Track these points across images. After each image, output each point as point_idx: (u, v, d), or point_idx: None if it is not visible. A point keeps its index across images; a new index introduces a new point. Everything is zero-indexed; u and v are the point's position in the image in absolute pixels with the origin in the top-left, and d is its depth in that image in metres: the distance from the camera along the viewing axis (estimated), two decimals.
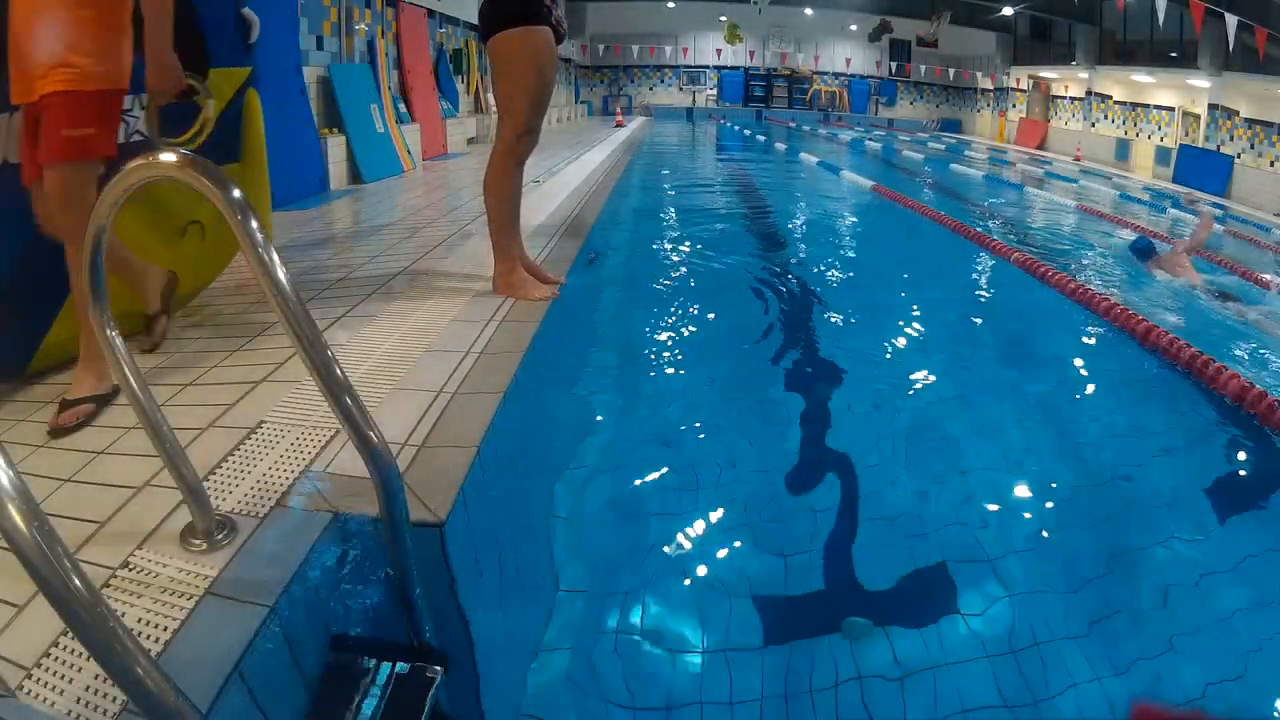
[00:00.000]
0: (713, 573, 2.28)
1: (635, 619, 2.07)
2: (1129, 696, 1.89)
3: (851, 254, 6.59)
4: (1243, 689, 1.90)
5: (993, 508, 2.67)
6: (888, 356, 4.12)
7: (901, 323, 4.65)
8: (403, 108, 9.41)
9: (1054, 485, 2.86)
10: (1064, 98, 21.69)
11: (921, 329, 4.58)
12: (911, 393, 3.61)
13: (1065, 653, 2.03)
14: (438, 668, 1.64)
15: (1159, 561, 2.42)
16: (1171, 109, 17.19)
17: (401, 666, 1.63)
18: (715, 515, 2.53)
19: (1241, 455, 3.19)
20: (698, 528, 2.46)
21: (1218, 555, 2.49)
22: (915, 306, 4.98)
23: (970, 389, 3.69)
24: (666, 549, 2.35)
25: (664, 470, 2.74)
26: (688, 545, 2.38)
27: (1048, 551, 2.45)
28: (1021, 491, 2.81)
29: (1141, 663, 2.01)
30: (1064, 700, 1.90)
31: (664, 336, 4.05)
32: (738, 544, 2.40)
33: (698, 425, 3.09)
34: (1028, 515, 2.67)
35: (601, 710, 1.84)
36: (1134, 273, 5.92)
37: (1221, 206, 12.96)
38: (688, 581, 2.23)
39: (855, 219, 8.84)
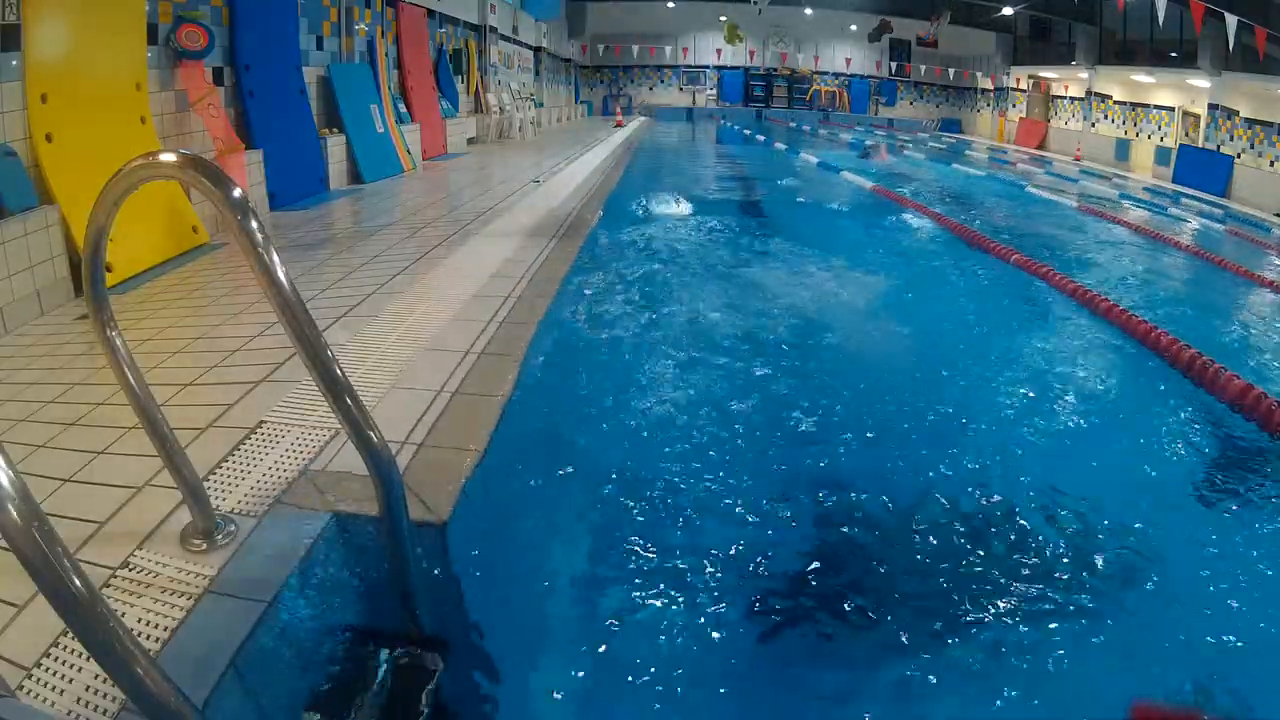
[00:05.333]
0: (713, 571, 2.28)
1: (635, 619, 2.07)
2: (1129, 696, 1.89)
3: (853, 254, 6.57)
4: (1240, 686, 1.89)
5: (989, 508, 2.67)
6: (891, 360, 4.11)
7: (906, 324, 4.64)
8: (403, 108, 9.41)
9: (1051, 483, 2.86)
10: (1064, 98, 21.69)
11: (924, 330, 4.58)
12: (912, 391, 3.60)
13: (1063, 651, 2.03)
14: (435, 665, 1.64)
15: (1158, 559, 2.42)
16: (1171, 109, 17.17)
17: (399, 664, 1.64)
18: (716, 512, 2.53)
19: (1241, 453, 3.20)
20: (699, 526, 2.46)
21: (1217, 552, 2.49)
22: (919, 306, 4.98)
23: (966, 385, 3.69)
24: (667, 548, 2.35)
25: (665, 468, 2.73)
26: (689, 543, 2.38)
27: (1045, 549, 2.45)
28: (1018, 490, 2.81)
29: (1140, 662, 2.01)
30: (1063, 699, 1.90)
31: (663, 335, 4.04)
32: (737, 542, 2.40)
33: (699, 423, 3.08)
34: (1025, 514, 2.67)
35: (599, 706, 1.84)
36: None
37: (1222, 206, 12.97)
38: (690, 580, 2.23)
39: (854, 218, 8.84)
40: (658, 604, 2.13)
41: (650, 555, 2.32)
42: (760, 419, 3.22)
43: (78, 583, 0.91)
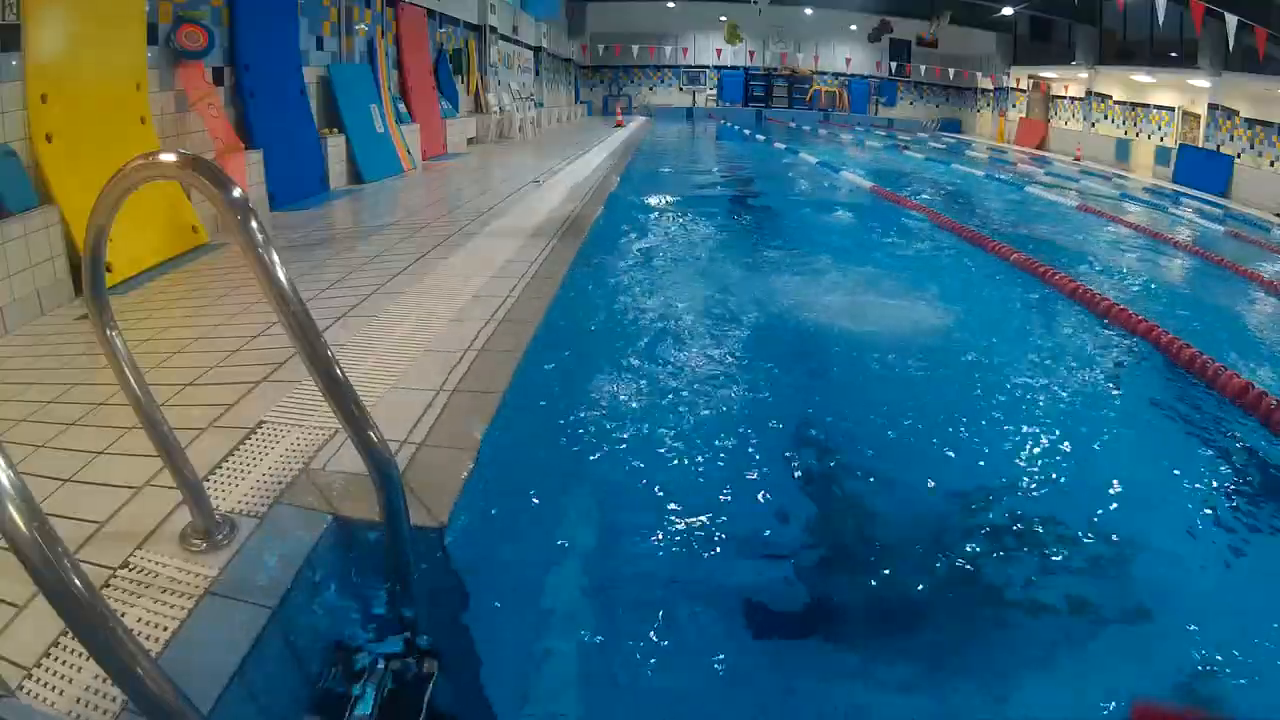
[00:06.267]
0: (712, 576, 2.28)
1: (634, 619, 2.07)
2: (1129, 695, 1.89)
3: (854, 254, 6.58)
4: (1238, 684, 1.89)
5: (989, 506, 2.67)
6: (893, 366, 4.10)
7: (904, 322, 4.64)
8: (403, 108, 9.40)
9: (1050, 483, 2.86)
10: (1064, 98, 21.68)
11: (928, 330, 4.58)
12: (911, 391, 3.60)
13: (1064, 651, 2.03)
14: (435, 666, 1.64)
15: (1158, 558, 2.42)
16: (1171, 109, 17.17)
17: (400, 665, 1.64)
18: (714, 515, 2.53)
19: (1239, 453, 3.20)
20: (698, 529, 2.46)
21: (1217, 551, 2.49)
22: (919, 307, 4.98)
23: (965, 385, 3.69)
24: (666, 550, 2.35)
25: (664, 470, 2.73)
26: (687, 546, 2.38)
27: (1045, 548, 2.45)
28: (1017, 489, 2.81)
29: (1141, 661, 2.01)
30: (1064, 699, 1.90)
31: (663, 336, 4.04)
32: (737, 551, 2.40)
33: (699, 425, 3.08)
34: (1025, 512, 2.67)
35: (598, 708, 1.84)
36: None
37: (1221, 206, 12.97)
38: (688, 583, 2.23)
39: (854, 219, 8.85)
40: (658, 604, 2.13)
41: (650, 553, 2.32)
42: (754, 414, 3.22)
43: (78, 583, 0.91)
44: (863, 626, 2.18)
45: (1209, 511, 2.75)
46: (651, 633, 2.02)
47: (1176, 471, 3.04)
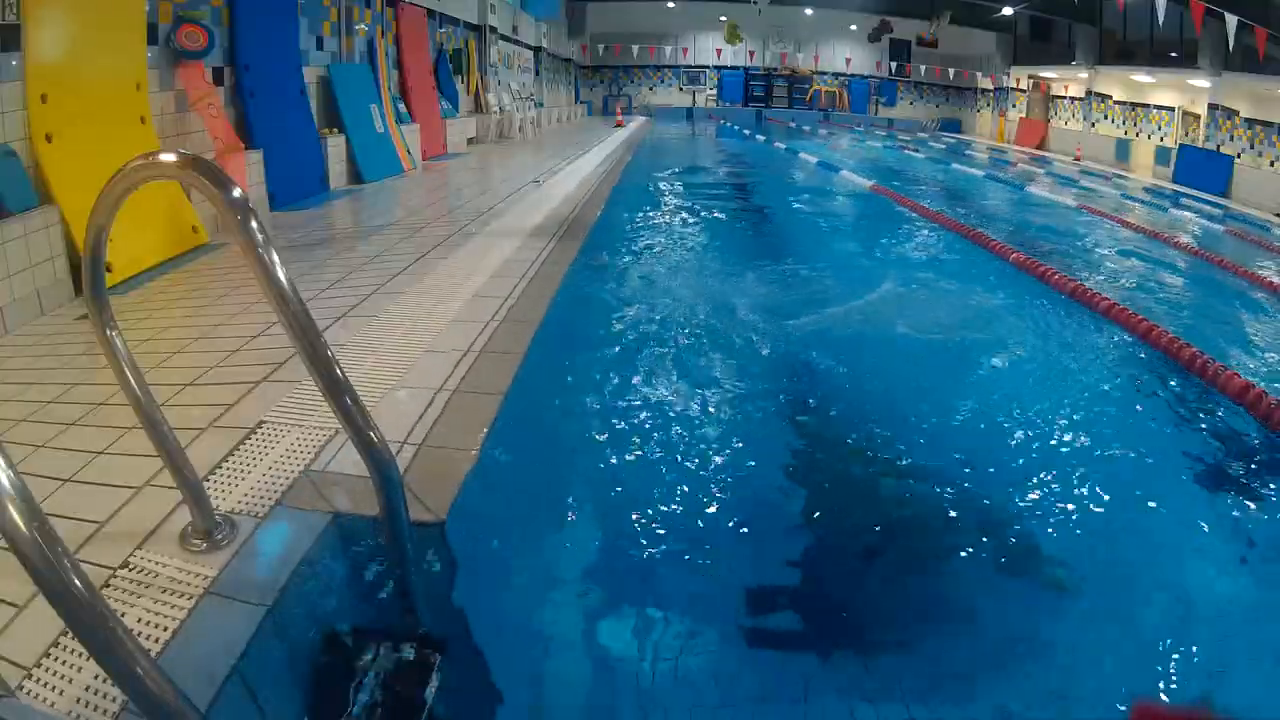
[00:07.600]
0: (711, 579, 2.28)
1: (632, 617, 2.07)
2: (1129, 695, 1.89)
3: (857, 257, 6.58)
4: (1240, 684, 1.90)
5: (989, 506, 2.67)
6: (894, 374, 4.10)
7: (906, 325, 4.64)
8: (403, 108, 9.41)
9: (1050, 482, 2.86)
10: (1064, 98, 21.68)
11: (927, 330, 4.58)
12: (915, 394, 3.60)
13: (1065, 651, 2.03)
14: (435, 664, 1.64)
15: (1157, 558, 2.42)
16: (1171, 109, 17.17)
17: (400, 663, 1.64)
18: (713, 517, 2.53)
19: (1240, 452, 3.20)
20: (697, 526, 2.46)
21: (1215, 550, 2.49)
22: (919, 309, 4.98)
23: (966, 386, 3.69)
24: (665, 549, 2.35)
25: (662, 469, 2.73)
26: (687, 545, 2.38)
27: (1045, 547, 2.45)
28: (1017, 489, 2.81)
29: (1141, 661, 2.01)
30: (1064, 698, 1.90)
31: (663, 336, 4.04)
32: (738, 552, 2.40)
33: (699, 423, 3.09)
34: (1026, 513, 2.67)
35: (597, 705, 1.84)
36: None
37: (1221, 206, 12.98)
38: (686, 582, 2.23)
39: (852, 219, 8.85)
40: (657, 602, 2.13)
41: (649, 551, 2.32)
42: (754, 410, 3.22)
43: (78, 583, 0.91)
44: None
45: (1208, 510, 2.76)
46: (650, 629, 2.03)
47: (1172, 469, 3.04)
